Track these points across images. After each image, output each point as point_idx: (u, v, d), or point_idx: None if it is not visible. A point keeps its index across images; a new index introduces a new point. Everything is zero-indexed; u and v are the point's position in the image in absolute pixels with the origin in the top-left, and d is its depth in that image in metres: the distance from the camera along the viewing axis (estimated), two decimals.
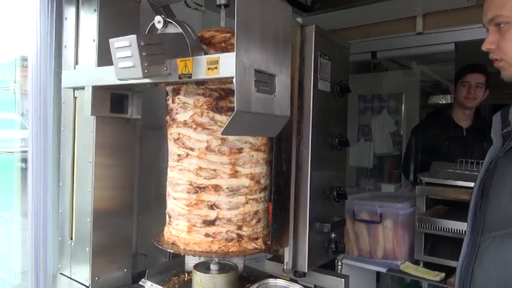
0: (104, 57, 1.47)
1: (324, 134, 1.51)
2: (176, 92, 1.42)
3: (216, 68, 1.13)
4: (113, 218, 1.67)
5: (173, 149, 1.45)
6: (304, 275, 1.49)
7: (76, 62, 1.66)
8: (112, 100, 1.59)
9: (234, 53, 1.06)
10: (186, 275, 1.74)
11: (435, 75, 4.30)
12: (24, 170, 2.06)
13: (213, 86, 1.35)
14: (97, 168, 1.59)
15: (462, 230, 2.19)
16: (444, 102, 4.51)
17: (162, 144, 1.65)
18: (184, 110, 1.39)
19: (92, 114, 1.54)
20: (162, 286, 1.63)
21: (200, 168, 1.37)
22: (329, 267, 1.61)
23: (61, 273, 1.73)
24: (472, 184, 2.16)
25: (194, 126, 1.37)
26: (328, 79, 1.49)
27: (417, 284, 3.62)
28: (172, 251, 1.43)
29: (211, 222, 1.37)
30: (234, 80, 1.06)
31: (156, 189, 1.94)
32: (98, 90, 1.53)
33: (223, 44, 1.36)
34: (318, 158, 1.47)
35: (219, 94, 1.35)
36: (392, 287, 3.66)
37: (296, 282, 1.52)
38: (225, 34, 1.37)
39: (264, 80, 1.16)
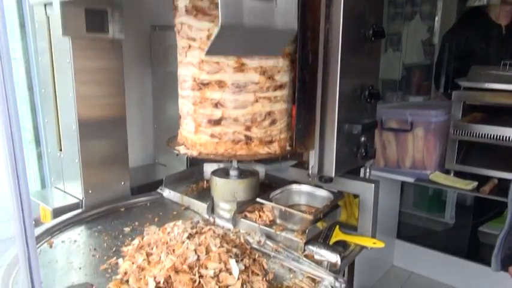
0: None
1: (356, 22, 1.29)
2: None
3: None
4: (102, 128, 1.54)
5: (178, 42, 1.30)
6: (330, 180, 1.38)
7: None
8: (88, 17, 1.38)
9: None
10: (205, 182, 1.67)
11: None
12: None
13: None
14: (79, 100, 1.45)
15: (501, 136, 2.03)
16: (485, 3, 4.06)
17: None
18: None
19: (64, 35, 1.35)
20: (180, 193, 1.57)
21: (202, 61, 1.21)
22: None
23: (55, 187, 1.67)
24: None
25: (194, 12, 1.19)
26: None
27: (439, 196, 3.58)
28: (178, 152, 1.32)
29: (216, 122, 1.24)
30: None
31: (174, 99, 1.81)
32: (68, 5, 1.31)
33: None
34: (349, 50, 1.27)
35: None
36: (414, 199, 3.64)
37: (321, 188, 1.42)
38: None
39: None
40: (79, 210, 1.45)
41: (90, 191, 1.52)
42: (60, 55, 1.47)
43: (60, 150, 1.60)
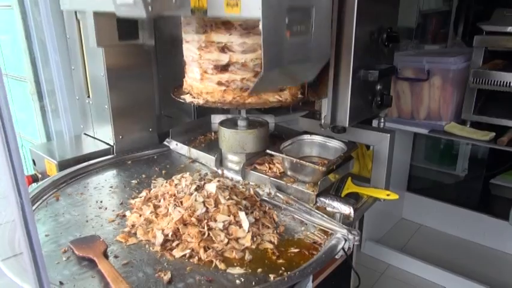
0: None
1: None
2: None
3: (236, 4, 0.90)
4: (128, 76, 1.52)
5: None
6: (344, 130, 1.31)
7: None
8: (119, 26, 1.37)
9: None
10: (213, 134, 1.61)
11: None
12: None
13: None
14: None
15: None
16: None
17: None
18: None
19: (98, 46, 1.33)
20: (187, 145, 1.52)
21: None
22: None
23: (85, 134, 1.67)
24: None
25: None
26: None
27: (451, 149, 3.51)
28: (184, 101, 1.25)
29: (223, 68, 1.16)
30: (261, 25, 0.82)
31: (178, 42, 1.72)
32: (101, 17, 1.28)
33: None
34: None
35: None
36: (426, 151, 3.58)
37: (334, 138, 1.36)
38: None
39: (299, 18, 0.89)
40: (88, 162, 1.41)
41: (121, 137, 1.53)
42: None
43: (88, 97, 1.58)
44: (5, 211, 1.09)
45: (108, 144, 1.55)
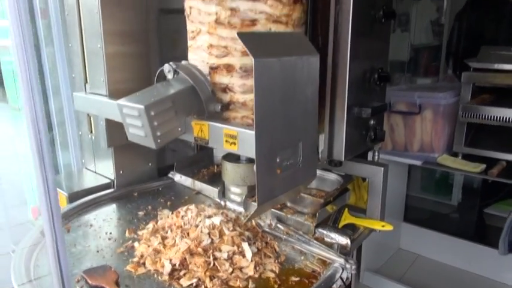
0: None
1: (366, 4, 1.28)
2: None
3: (234, 143, 1.04)
4: None
5: (188, 26, 1.29)
6: (340, 164, 1.39)
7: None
8: None
9: (253, 132, 0.91)
10: (216, 166, 1.69)
11: None
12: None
13: None
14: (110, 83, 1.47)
15: (510, 118, 2.02)
16: None
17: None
18: None
19: (109, 147, 1.49)
20: (191, 178, 1.59)
21: (211, 45, 1.21)
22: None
23: (86, 168, 1.72)
24: None
25: None
26: None
27: (446, 179, 3.59)
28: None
29: (225, 107, 1.25)
30: (255, 167, 0.92)
31: None
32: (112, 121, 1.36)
33: None
34: (359, 32, 1.26)
35: None
36: (422, 182, 3.64)
37: (331, 171, 1.44)
38: None
39: (288, 156, 1.00)
40: (95, 195, 1.47)
41: (121, 171, 1.58)
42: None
43: (91, 132, 1.64)
44: (22, 239, 1.15)
45: (108, 178, 1.60)
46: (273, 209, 1.32)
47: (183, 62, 1.22)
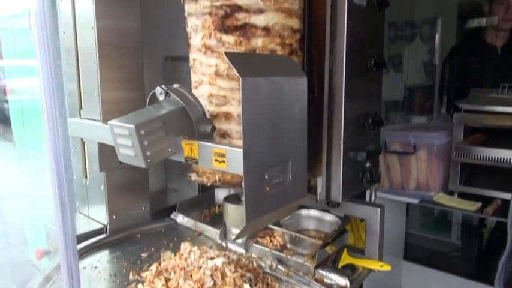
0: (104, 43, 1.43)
1: (358, 54, 1.38)
2: (189, 14, 1.32)
3: (223, 161, 1.05)
4: None
5: (192, 76, 1.39)
6: (337, 205, 1.44)
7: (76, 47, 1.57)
8: None
9: (241, 151, 0.94)
10: (217, 207, 1.73)
11: None
12: None
13: (217, 3, 1.22)
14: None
15: (502, 158, 2.08)
16: (484, 25, 4.18)
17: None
18: (196, 33, 1.30)
19: (101, 171, 1.49)
20: (193, 219, 1.63)
21: (211, 95, 1.30)
22: (360, 199, 1.56)
23: (79, 212, 1.74)
24: None
25: (204, 50, 1.28)
26: None
27: (446, 217, 3.61)
28: (190, 179, 1.39)
29: (215, 128, 1.31)
30: (243, 184, 0.95)
31: None
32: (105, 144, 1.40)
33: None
34: (352, 81, 1.35)
35: (224, 12, 1.22)
36: (421, 220, 3.66)
37: (329, 212, 1.48)
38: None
39: (277, 173, 1.03)
40: (98, 237, 1.51)
41: (114, 216, 1.59)
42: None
43: (86, 177, 1.67)
44: (26, 283, 1.18)
45: (101, 223, 1.60)
46: (273, 251, 1.35)
47: (175, 85, 1.25)
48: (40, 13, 0.65)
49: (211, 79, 1.30)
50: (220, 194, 1.69)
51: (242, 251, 1.43)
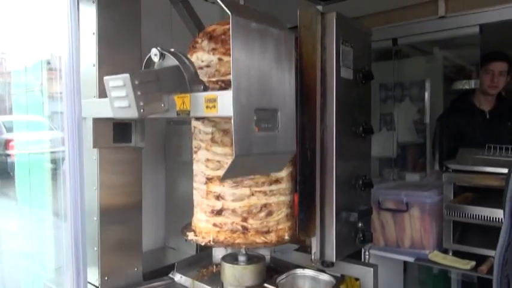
0: (104, 51, 1.49)
1: (347, 122, 1.50)
2: None
3: (214, 106, 1.09)
4: (120, 217, 1.62)
5: (193, 142, 1.50)
6: (332, 264, 1.48)
7: None
8: (115, 130, 1.52)
9: (231, 92, 1.01)
10: (215, 266, 1.76)
11: (459, 60, 4.18)
12: (54, 170, 2.12)
13: (213, 79, 1.35)
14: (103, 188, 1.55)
15: (491, 217, 2.14)
16: (469, 87, 4.40)
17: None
18: None
19: (94, 147, 1.49)
20: (191, 278, 1.66)
21: (208, 159, 1.40)
22: (355, 257, 1.60)
23: None
24: (501, 170, 2.12)
25: (201, 119, 1.39)
26: (350, 66, 1.47)
27: (445, 274, 3.57)
28: (187, 238, 1.46)
29: (218, 213, 1.40)
30: (232, 121, 1.01)
31: (184, 186, 1.97)
32: (99, 121, 1.47)
33: (223, 37, 1.33)
34: (343, 146, 1.45)
35: (220, 87, 1.34)
36: (419, 277, 3.62)
37: (324, 272, 1.52)
38: (225, 26, 1.34)
39: (266, 118, 1.10)
40: None
41: (106, 278, 1.58)
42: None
43: None
44: None
45: (93, 285, 1.59)
46: None
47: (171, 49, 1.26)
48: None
49: (207, 145, 1.41)
50: (218, 252, 1.73)
51: None
